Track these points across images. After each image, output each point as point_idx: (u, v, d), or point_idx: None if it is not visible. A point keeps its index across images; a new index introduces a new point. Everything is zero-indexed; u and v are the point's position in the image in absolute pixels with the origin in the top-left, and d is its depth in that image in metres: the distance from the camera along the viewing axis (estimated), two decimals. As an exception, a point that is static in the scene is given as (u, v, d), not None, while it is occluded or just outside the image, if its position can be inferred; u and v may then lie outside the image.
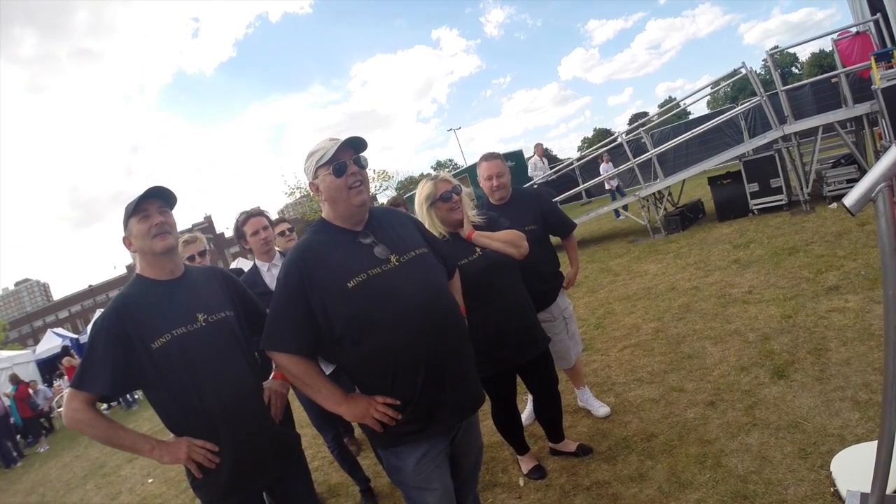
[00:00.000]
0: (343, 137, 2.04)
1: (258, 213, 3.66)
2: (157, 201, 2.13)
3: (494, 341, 2.79)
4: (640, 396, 3.88)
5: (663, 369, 4.19)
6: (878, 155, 7.55)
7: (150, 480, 5.96)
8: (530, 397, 3.88)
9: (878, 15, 7.93)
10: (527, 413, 3.96)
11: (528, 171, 10.89)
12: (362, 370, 2.03)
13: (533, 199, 3.64)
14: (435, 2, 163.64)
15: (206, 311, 2.13)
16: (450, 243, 2.71)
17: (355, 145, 2.05)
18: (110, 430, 2.01)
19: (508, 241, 2.85)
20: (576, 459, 3.33)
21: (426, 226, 2.69)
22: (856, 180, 7.30)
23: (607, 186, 14.57)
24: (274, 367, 2.43)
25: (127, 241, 2.16)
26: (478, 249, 2.82)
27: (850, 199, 1.33)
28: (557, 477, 3.24)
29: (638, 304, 6.17)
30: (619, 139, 10.92)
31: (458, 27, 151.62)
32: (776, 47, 8.62)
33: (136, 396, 13.18)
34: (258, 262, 3.60)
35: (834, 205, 7.70)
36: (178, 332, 2.02)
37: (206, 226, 79.89)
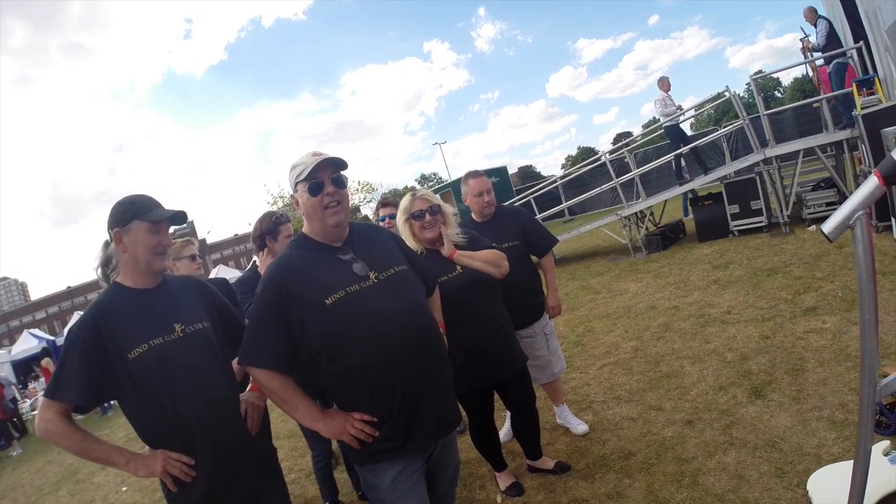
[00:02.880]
0: (324, 154, 2.04)
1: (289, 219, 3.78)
2: (168, 224, 2.13)
3: (472, 358, 2.77)
4: (619, 415, 3.86)
5: (642, 388, 4.19)
6: (857, 179, 7.71)
7: (124, 489, 5.82)
8: (508, 414, 3.86)
9: (861, 43, 8.11)
10: (505, 430, 3.93)
11: (657, 111, 10.24)
12: (339, 387, 2.01)
13: (514, 216, 3.68)
14: (428, 15, 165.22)
15: (183, 322, 2.07)
16: (428, 259, 2.69)
17: (336, 164, 2.04)
18: (84, 442, 1.94)
19: (489, 260, 2.85)
20: (553, 477, 3.30)
21: (405, 239, 2.70)
22: (835, 203, 7.48)
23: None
24: (251, 378, 2.40)
25: (118, 238, 2.03)
26: (458, 267, 2.81)
27: (828, 226, 1.34)
28: (535, 494, 3.21)
29: (618, 323, 6.18)
30: (603, 159, 10.98)
31: (449, 41, 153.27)
32: (760, 72, 8.80)
33: (112, 402, 12.74)
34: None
35: (813, 227, 7.82)
36: (154, 342, 1.97)
37: (189, 230, 79.18)
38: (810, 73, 9.50)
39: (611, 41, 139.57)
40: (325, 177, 2.00)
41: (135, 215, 2.03)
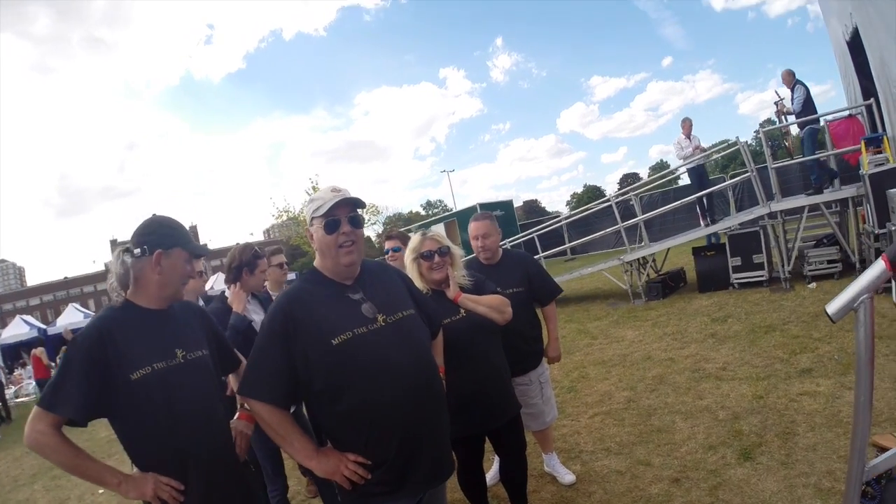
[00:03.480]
0: (344, 190, 2.07)
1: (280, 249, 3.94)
2: (201, 259, 2.22)
3: (468, 404, 2.77)
4: (607, 467, 3.85)
5: (632, 441, 4.17)
6: (859, 237, 7.73)
7: (100, 491, 5.74)
8: (496, 458, 3.84)
9: (872, 100, 8.21)
10: (492, 473, 3.90)
11: (675, 153, 10.38)
12: (338, 427, 2.01)
13: (520, 262, 3.71)
14: (447, 42, 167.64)
15: (185, 348, 2.08)
16: (433, 300, 2.71)
17: (354, 203, 2.06)
18: (77, 458, 1.89)
19: (493, 306, 2.86)
20: (537, 527, 3.28)
21: (411, 277, 2.72)
22: (836, 261, 7.49)
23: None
24: (239, 406, 2.42)
25: (158, 259, 2.01)
26: (461, 311, 2.84)
27: (832, 307, 1.36)
28: None
29: (613, 371, 6.17)
30: (610, 201, 11.06)
31: (465, 69, 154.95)
32: (769, 120, 8.92)
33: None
34: (273, 293, 3.84)
35: (813, 284, 7.85)
36: (158, 365, 1.96)
37: (191, 234, 79.36)
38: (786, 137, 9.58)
39: (624, 80, 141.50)
40: (342, 215, 2.03)
41: (178, 242, 2.06)
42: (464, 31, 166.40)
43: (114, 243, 75.68)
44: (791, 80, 9.08)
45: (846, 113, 9.24)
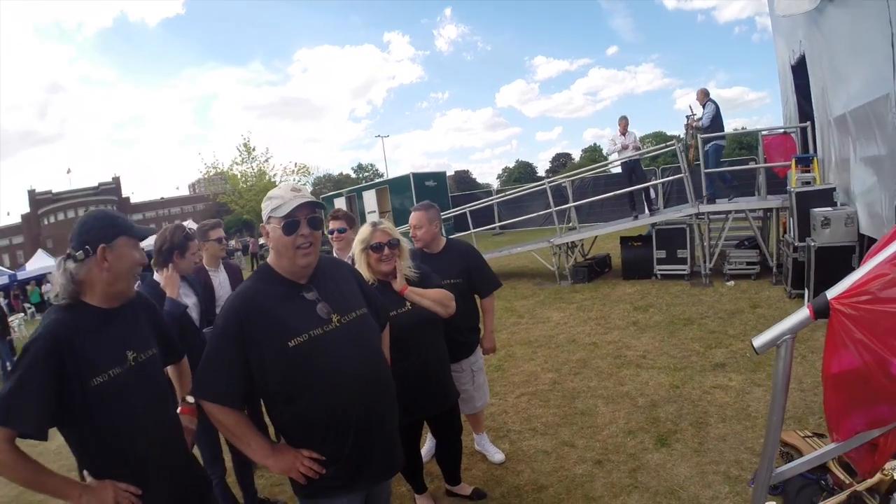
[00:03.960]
0: (303, 191, 2.06)
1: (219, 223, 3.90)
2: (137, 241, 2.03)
3: (411, 392, 2.82)
4: (534, 447, 4.03)
5: (557, 422, 4.38)
6: (779, 244, 8.27)
7: None
8: (429, 435, 3.95)
9: (808, 123, 8.76)
10: (426, 449, 4.01)
11: (606, 147, 10.94)
12: (293, 426, 2.03)
13: (462, 254, 3.74)
14: (394, 6, 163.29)
15: (135, 349, 2.00)
16: (380, 291, 2.74)
17: (314, 205, 2.04)
18: (36, 474, 1.78)
19: (438, 300, 2.95)
20: (470, 502, 3.44)
21: (359, 267, 2.76)
22: (755, 263, 7.97)
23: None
24: (180, 399, 2.42)
25: (102, 255, 1.90)
26: (407, 303, 2.90)
27: (758, 342, 1.49)
28: None
29: (538, 352, 6.41)
30: (545, 186, 11.33)
31: (410, 35, 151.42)
32: (703, 126, 9.34)
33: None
34: (210, 268, 3.81)
35: (732, 282, 8.37)
36: (113, 372, 1.88)
37: (114, 187, 75.51)
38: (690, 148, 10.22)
39: (567, 63, 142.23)
40: (301, 216, 2.01)
41: (120, 231, 1.95)
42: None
43: (31, 193, 71.01)
44: (704, 98, 9.84)
45: (781, 130, 9.90)
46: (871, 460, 1.67)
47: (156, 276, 3.27)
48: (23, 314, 20.33)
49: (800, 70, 8.97)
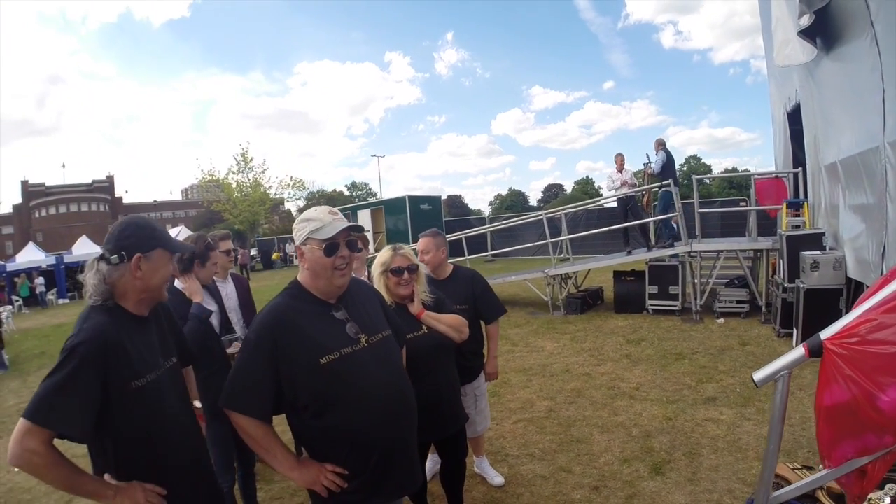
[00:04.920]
0: (340, 216, 2.16)
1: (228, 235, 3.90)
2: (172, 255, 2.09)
3: (424, 415, 2.92)
4: (532, 472, 4.16)
5: (554, 449, 4.52)
6: (768, 285, 8.58)
7: (16, 469, 5.38)
8: (430, 454, 4.06)
9: (800, 169, 9.17)
10: (429, 466, 4.12)
11: (606, 185, 11.20)
12: (319, 440, 2.09)
13: (469, 280, 3.87)
14: (398, 26, 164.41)
15: (163, 356, 2.05)
16: (397, 314, 2.81)
17: (353, 229, 2.14)
18: (73, 476, 1.76)
19: (454, 325, 3.05)
20: (471, 524, 3.53)
21: (378, 289, 2.87)
22: (745, 302, 8.22)
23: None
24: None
25: (137, 263, 1.93)
26: (423, 327, 3.00)
27: (759, 376, 1.66)
28: None
29: (533, 380, 6.54)
30: (542, 217, 11.58)
31: (411, 56, 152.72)
32: (694, 156, 9.87)
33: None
34: (218, 279, 3.76)
35: (722, 320, 8.60)
36: (150, 376, 1.92)
37: (107, 185, 74.90)
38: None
39: (564, 95, 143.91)
40: (340, 238, 2.09)
41: (158, 243, 1.99)
42: (417, 20, 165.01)
43: (24, 184, 70.34)
44: (659, 146, 10.43)
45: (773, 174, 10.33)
46: (860, 485, 1.83)
47: (177, 283, 3.33)
48: (10, 307, 19.93)
49: (795, 117, 9.38)
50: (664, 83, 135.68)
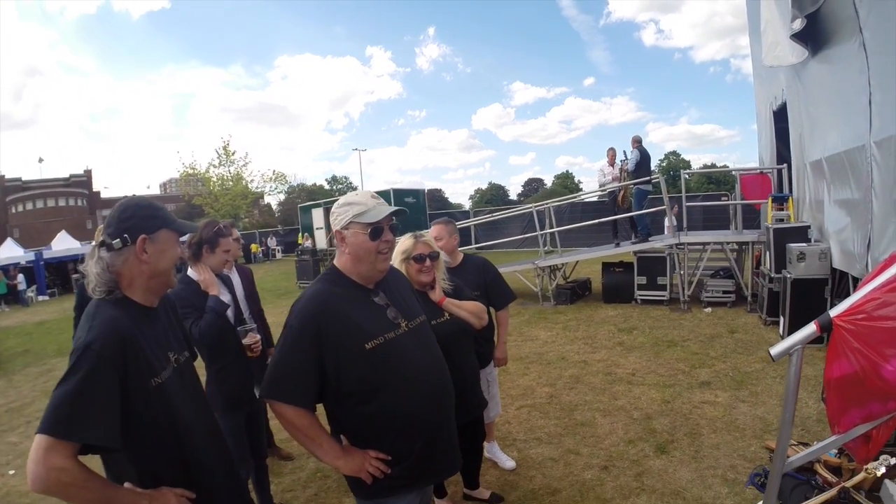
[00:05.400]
0: (382, 200, 2.12)
1: (233, 223, 3.71)
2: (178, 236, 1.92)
3: None
4: (541, 455, 4.34)
5: (559, 432, 4.71)
6: (753, 275, 8.94)
7: (11, 472, 5.18)
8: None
9: (785, 165, 9.55)
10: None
11: (597, 178, 11.35)
12: (363, 427, 2.06)
13: (480, 268, 3.99)
14: (379, 20, 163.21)
15: (175, 351, 1.92)
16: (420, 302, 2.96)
17: (397, 213, 2.11)
18: (106, 489, 1.61)
19: (474, 312, 3.11)
20: (488, 506, 3.69)
21: None
22: (731, 292, 8.52)
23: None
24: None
25: (142, 246, 1.77)
26: (445, 314, 3.07)
27: (775, 350, 1.82)
28: None
29: (531, 368, 6.73)
30: (531, 209, 11.81)
31: (393, 51, 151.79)
32: (673, 152, 10.18)
33: None
34: (225, 270, 3.63)
35: (709, 309, 8.89)
36: (166, 373, 1.79)
37: (85, 180, 72.96)
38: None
39: (545, 90, 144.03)
40: (385, 223, 2.07)
41: (164, 223, 1.84)
42: (399, 14, 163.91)
43: (0, 179, 68.91)
44: (634, 144, 10.68)
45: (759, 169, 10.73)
46: (865, 450, 2.03)
47: (190, 272, 3.32)
48: None
49: (780, 115, 9.69)
50: (645, 80, 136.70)
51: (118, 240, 1.75)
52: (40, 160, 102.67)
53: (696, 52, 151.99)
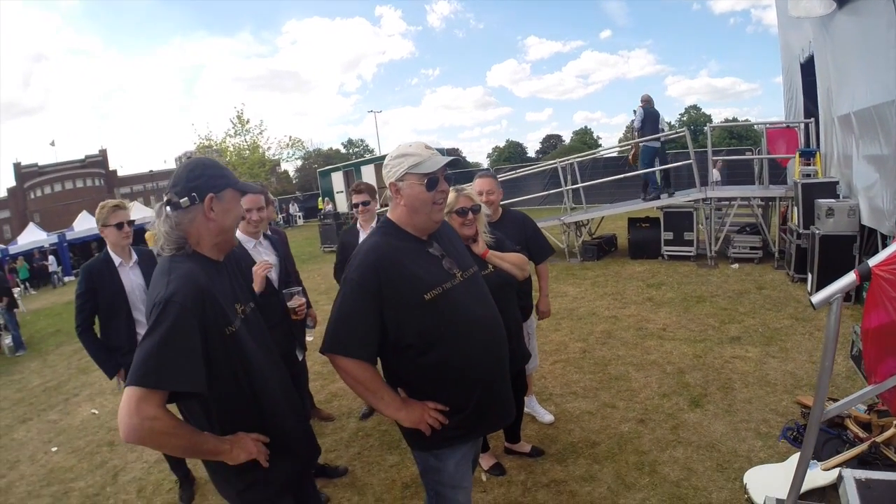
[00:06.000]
0: (435, 151, 2.14)
1: (260, 189, 3.61)
2: (254, 198, 2.15)
3: None
4: (578, 409, 4.51)
5: (595, 386, 4.87)
6: (780, 231, 8.96)
7: (54, 449, 5.25)
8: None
9: (812, 119, 9.43)
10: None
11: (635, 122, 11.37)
12: (421, 378, 2.10)
13: (520, 222, 4.03)
14: None
15: (242, 302, 1.99)
16: None
17: (452, 164, 2.11)
18: (193, 435, 1.70)
19: (516, 263, 3.13)
20: (530, 459, 3.85)
21: None
22: (758, 248, 8.56)
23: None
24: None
25: (209, 204, 1.84)
26: (489, 266, 3.10)
27: (816, 299, 1.88)
28: (517, 474, 3.72)
29: (562, 324, 6.88)
30: (556, 165, 11.79)
31: (402, 9, 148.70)
32: (694, 106, 10.11)
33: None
34: (244, 237, 3.56)
35: (736, 265, 8.93)
36: (237, 323, 1.85)
37: (100, 160, 73.57)
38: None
39: (560, 44, 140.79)
40: (440, 173, 2.07)
41: (229, 183, 1.90)
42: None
43: (17, 167, 69.08)
44: (643, 103, 10.55)
45: (785, 124, 10.56)
46: (901, 400, 2.13)
47: (238, 233, 3.30)
48: (18, 288, 19.89)
49: (808, 68, 9.49)
50: (662, 32, 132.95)
51: (186, 198, 1.80)
52: (52, 143, 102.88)
53: (715, 2, 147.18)
